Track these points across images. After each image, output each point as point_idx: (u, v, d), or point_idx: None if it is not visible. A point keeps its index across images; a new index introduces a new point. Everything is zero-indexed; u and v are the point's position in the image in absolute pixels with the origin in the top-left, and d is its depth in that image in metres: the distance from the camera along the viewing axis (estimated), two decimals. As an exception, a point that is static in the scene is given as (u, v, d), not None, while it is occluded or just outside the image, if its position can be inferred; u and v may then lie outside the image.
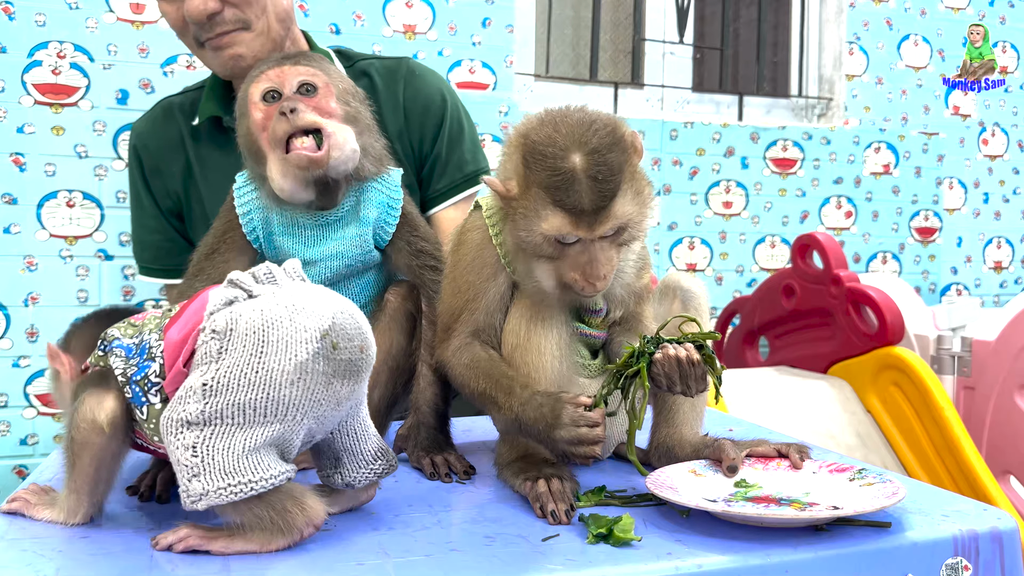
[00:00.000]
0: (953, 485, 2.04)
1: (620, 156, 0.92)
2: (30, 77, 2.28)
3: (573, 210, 0.90)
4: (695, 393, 0.95)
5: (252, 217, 1.13)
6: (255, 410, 0.76)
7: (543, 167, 0.91)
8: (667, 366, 0.93)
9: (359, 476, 0.89)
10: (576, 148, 0.91)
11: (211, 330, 0.78)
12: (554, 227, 0.91)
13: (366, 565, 0.75)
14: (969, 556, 0.85)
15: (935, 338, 2.45)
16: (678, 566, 0.76)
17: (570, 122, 0.93)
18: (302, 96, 1.08)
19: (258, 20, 1.42)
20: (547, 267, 0.96)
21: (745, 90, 3.20)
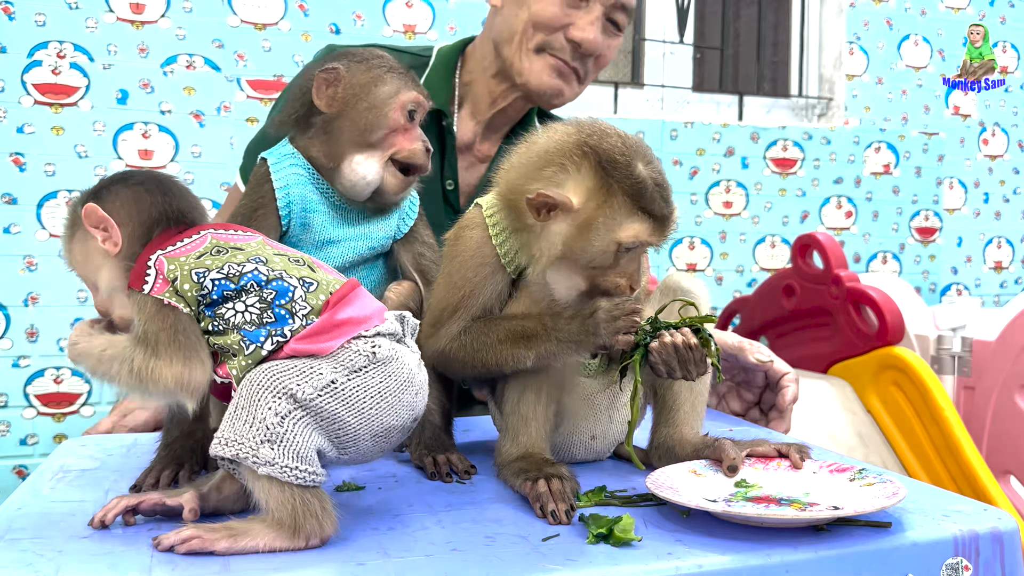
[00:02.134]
0: (953, 485, 2.04)
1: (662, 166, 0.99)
2: (30, 77, 2.28)
3: (652, 217, 0.94)
4: (696, 377, 0.97)
5: (289, 191, 1.13)
6: (342, 430, 0.82)
7: (624, 176, 0.93)
8: (664, 353, 0.95)
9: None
10: (639, 157, 0.95)
11: (371, 351, 0.84)
12: (633, 234, 0.94)
13: (367, 565, 0.75)
14: (969, 556, 0.85)
15: (935, 338, 2.45)
16: (678, 566, 0.76)
17: (617, 133, 0.97)
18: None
19: (588, 82, 1.48)
20: (582, 276, 0.97)
21: (745, 90, 3.20)
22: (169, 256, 0.85)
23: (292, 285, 0.85)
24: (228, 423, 0.80)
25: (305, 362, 0.81)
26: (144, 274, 0.84)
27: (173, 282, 0.84)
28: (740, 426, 1.29)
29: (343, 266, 1.16)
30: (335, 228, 1.15)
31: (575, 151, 0.95)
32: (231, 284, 0.84)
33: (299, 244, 1.15)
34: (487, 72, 1.49)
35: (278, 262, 0.87)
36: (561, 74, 1.43)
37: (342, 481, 1.01)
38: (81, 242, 0.90)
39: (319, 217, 1.15)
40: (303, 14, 2.49)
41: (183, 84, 2.40)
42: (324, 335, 0.83)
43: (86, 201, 0.88)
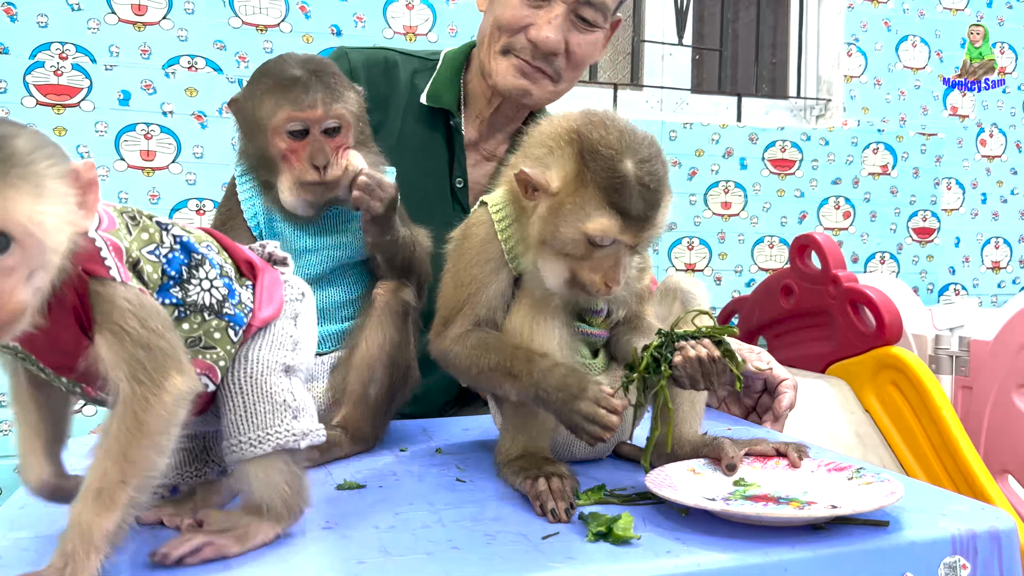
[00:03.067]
0: (951, 484, 2.04)
1: (663, 168, 0.95)
2: (32, 78, 2.28)
3: (625, 215, 0.92)
4: (718, 388, 0.97)
5: (254, 203, 1.15)
6: (306, 373, 0.85)
7: (601, 167, 0.92)
8: (689, 368, 0.94)
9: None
10: (629, 153, 0.93)
11: (299, 293, 0.86)
12: (600, 228, 0.92)
13: (367, 563, 0.76)
14: (967, 555, 0.85)
15: (933, 338, 2.46)
16: (677, 564, 0.77)
17: (618, 125, 0.96)
18: (327, 137, 1.11)
19: (566, 82, 1.48)
20: (565, 265, 0.96)
21: (744, 91, 3.20)
22: (107, 231, 0.69)
23: (206, 248, 0.76)
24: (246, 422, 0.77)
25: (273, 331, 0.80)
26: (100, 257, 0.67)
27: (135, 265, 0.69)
28: (739, 425, 1.29)
29: (323, 273, 1.17)
30: (307, 238, 1.16)
31: (564, 136, 0.96)
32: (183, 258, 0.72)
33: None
34: (479, 74, 1.52)
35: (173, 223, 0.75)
36: (524, 74, 1.44)
37: (343, 479, 1.01)
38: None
39: (287, 228, 1.16)
40: (304, 16, 2.50)
41: (185, 85, 2.40)
42: (270, 297, 0.81)
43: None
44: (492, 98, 1.51)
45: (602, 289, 0.95)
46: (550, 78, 1.45)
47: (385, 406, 1.17)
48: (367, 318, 1.16)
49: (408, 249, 1.17)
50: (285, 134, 1.10)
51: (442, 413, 1.53)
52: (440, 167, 1.43)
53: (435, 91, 1.51)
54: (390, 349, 1.16)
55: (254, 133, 1.13)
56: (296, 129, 1.10)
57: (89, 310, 0.67)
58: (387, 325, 1.16)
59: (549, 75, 1.45)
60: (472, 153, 1.55)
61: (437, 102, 1.50)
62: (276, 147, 1.11)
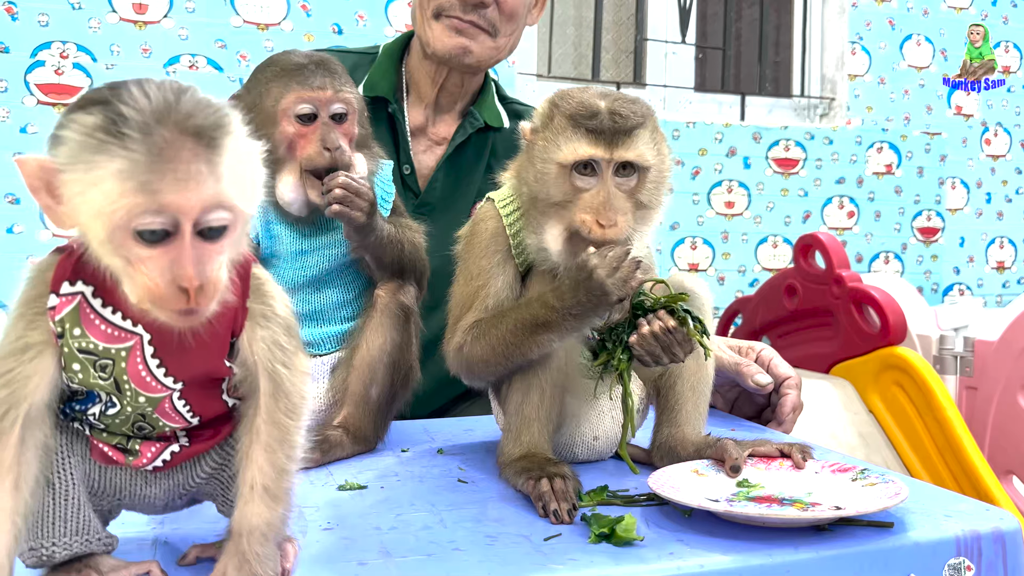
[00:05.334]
0: (955, 485, 2.04)
1: (644, 109, 0.98)
2: (33, 77, 2.28)
3: (594, 131, 0.94)
4: (683, 358, 0.96)
5: None
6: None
7: (569, 104, 0.96)
8: (646, 344, 0.94)
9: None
10: (602, 97, 0.97)
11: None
12: (572, 152, 0.94)
13: (368, 565, 0.76)
14: (972, 556, 0.85)
15: (937, 338, 2.45)
16: (680, 566, 0.76)
17: (603, 89, 1.00)
18: (335, 123, 1.11)
19: (505, 36, 1.47)
20: (558, 220, 0.96)
21: (747, 90, 3.20)
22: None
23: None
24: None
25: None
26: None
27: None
28: (742, 426, 1.28)
29: (323, 274, 1.16)
30: (304, 239, 1.15)
31: (548, 97, 1.01)
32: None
33: (274, 255, 1.15)
34: (420, 56, 1.52)
35: None
36: (459, 31, 1.44)
37: (344, 480, 1.01)
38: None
39: (284, 229, 1.15)
40: (305, 14, 2.50)
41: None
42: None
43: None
44: (435, 75, 1.51)
45: (595, 229, 0.94)
46: (486, 32, 1.45)
47: (386, 407, 1.17)
48: (368, 319, 1.16)
49: (396, 247, 1.16)
50: (294, 118, 1.09)
51: (444, 413, 1.53)
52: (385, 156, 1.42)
53: (371, 81, 1.52)
54: (391, 350, 1.15)
55: (258, 125, 1.12)
56: (305, 112, 1.09)
57: (247, 296, 0.68)
58: (388, 326, 1.15)
59: (484, 28, 1.45)
60: (420, 139, 1.55)
61: (374, 91, 1.50)
62: (284, 132, 1.10)
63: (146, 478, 0.72)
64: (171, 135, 0.58)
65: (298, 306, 1.16)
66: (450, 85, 1.53)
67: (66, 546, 0.68)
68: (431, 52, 1.47)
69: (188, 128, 0.58)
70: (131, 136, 0.57)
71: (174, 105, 0.58)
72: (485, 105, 1.56)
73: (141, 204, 0.57)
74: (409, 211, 1.25)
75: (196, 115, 0.59)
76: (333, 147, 1.09)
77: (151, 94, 0.59)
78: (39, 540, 0.68)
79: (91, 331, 0.65)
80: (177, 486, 0.74)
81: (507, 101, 1.62)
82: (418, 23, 1.48)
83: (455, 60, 1.46)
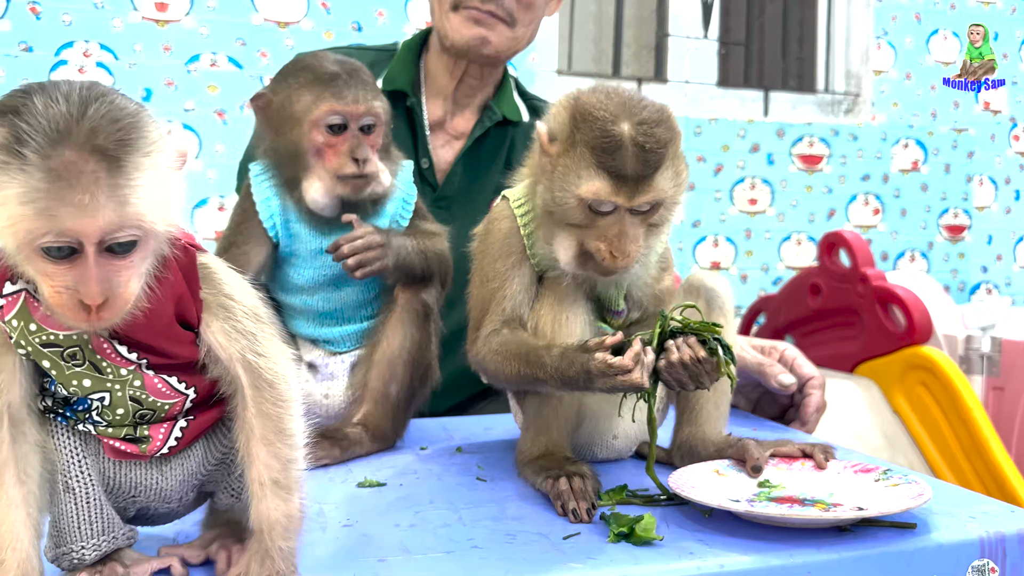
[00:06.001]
0: (981, 486, 2.01)
1: (667, 133, 0.93)
2: (57, 76, 2.31)
3: (616, 175, 0.90)
4: (710, 386, 0.94)
5: (271, 204, 1.14)
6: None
7: (592, 128, 0.91)
8: (674, 372, 0.91)
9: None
10: (626, 117, 0.91)
11: None
12: (593, 190, 0.91)
13: (388, 561, 0.76)
14: (996, 558, 0.84)
15: (964, 338, 2.42)
16: (699, 566, 0.76)
17: (622, 95, 0.95)
18: (363, 134, 1.12)
19: (523, 26, 1.48)
20: (571, 236, 0.95)
21: (771, 85, 3.17)
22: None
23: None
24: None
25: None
26: (191, 233, 0.73)
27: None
28: (764, 427, 1.27)
29: (337, 274, 1.16)
30: (324, 238, 1.15)
31: (567, 99, 0.96)
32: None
33: (293, 253, 1.16)
34: (438, 50, 1.52)
35: None
36: (477, 21, 1.44)
37: (363, 477, 1.01)
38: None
39: (303, 228, 1.15)
40: (326, 12, 2.51)
41: (207, 82, 2.42)
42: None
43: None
44: (454, 69, 1.51)
45: (608, 259, 0.93)
46: (504, 22, 1.45)
47: (405, 404, 1.17)
48: (388, 316, 1.16)
49: (421, 262, 1.16)
50: (324, 128, 1.10)
51: (463, 409, 1.53)
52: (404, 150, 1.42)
53: (390, 75, 1.52)
54: (411, 347, 1.16)
55: (285, 128, 1.13)
56: (336, 123, 1.10)
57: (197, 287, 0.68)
58: (408, 324, 1.15)
59: (502, 18, 1.45)
60: (439, 134, 1.55)
61: (392, 85, 1.51)
62: (312, 141, 1.10)
63: (160, 469, 0.72)
64: (72, 156, 0.57)
65: (318, 304, 1.18)
66: (468, 78, 1.53)
67: (95, 547, 0.69)
68: (449, 44, 1.47)
69: (89, 149, 0.57)
70: (30, 158, 0.56)
71: (78, 121, 0.57)
72: (504, 99, 1.56)
73: (42, 227, 0.58)
74: (427, 205, 1.25)
75: (99, 133, 0.58)
76: (362, 159, 1.10)
77: (56, 109, 0.57)
78: (68, 545, 0.69)
79: (46, 323, 0.65)
80: (190, 476, 0.74)
81: (526, 97, 1.62)
82: (436, 16, 1.49)
83: (474, 51, 1.46)
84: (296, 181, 1.13)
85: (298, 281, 1.17)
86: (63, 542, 0.69)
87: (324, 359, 1.18)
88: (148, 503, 0.74)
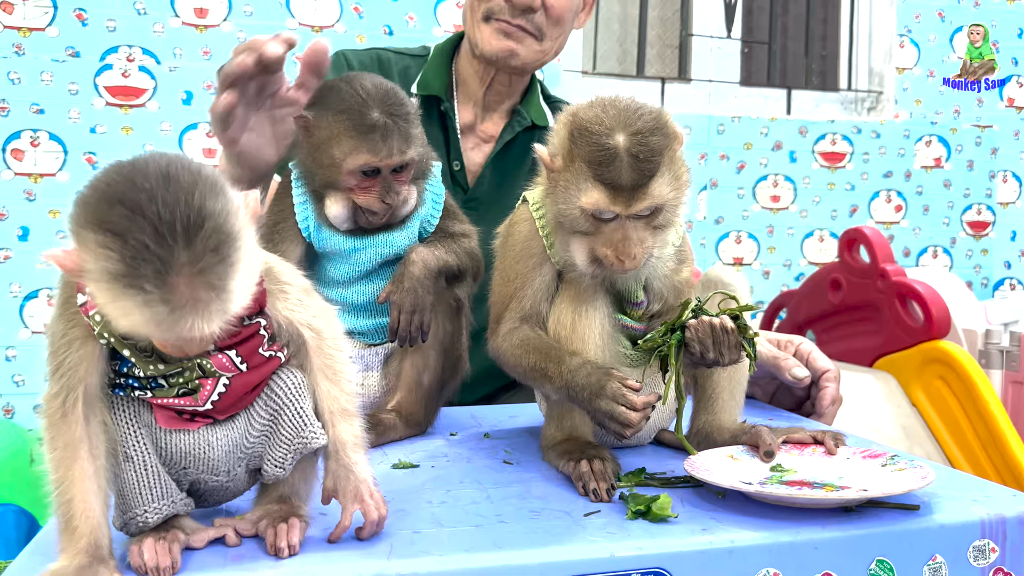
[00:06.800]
0: (998, 478, 2.04)
1: (662, 140, 0.97)
2: (102, 80, 2.40)
3: (612, 186, 0.95)
4: (728, 362, 0.98)
5: (308, 207, 1.19)
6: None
7: (587, 143, 0.96)
8: (701, 331, 0.97)
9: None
10: (621, 128, 0.95)
11: None
12: (592, 201, 0.96)
13: (422, 533, 0.82)
14: (996, 539, 0.87)
15: (983, 332, 2.44)
16: (711, 540, 0.80)
17: (618, 106, 0.99)
18: (397, 173, 1.15)
19: (552, 40, 1.53)
20: (582, 243, 1.00)
21: (793, 84, 3.20)
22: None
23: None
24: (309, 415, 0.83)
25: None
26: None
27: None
28: (780, 416, 1.31)
29: (370, 269, 1.21)
30: (352, 240, 1.19)
31: (565, 117, 1.01)
32: None
33: (325, 252, 1.21)
34: (468, 55, 1.57)
35: None
36: (507, 34, 1.49)
37: (397, 459, 1.07)
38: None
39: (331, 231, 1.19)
40: (358, 16, 2.57)
41: (244, 85, 2.49)
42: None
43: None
44: (484, 75, 1.56)
45: (616, 264, 0.98)
46: (533, 36, 1.50)
47: (437, 393, 1.23)
48: None
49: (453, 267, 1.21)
50: (359, 173, 1.14)
51: (490, 400, 1.59)
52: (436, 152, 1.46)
53: (425, 80, 1.57)
54: (443, 339, 1.21)
55: (322, 158, 1.15)
56: (369, 171, 1.14)
57: (263, 281, 0.79)
58: (441, 316, 1.21)
59: (532, 33, 1.49)
60: (469, 137, 1.60)
61: (427, 89, 1.56)
62: (346, 181, 1.14)
63: (207, 439, 0.80)
64: (184, 287, 0.65)
65: (353, 297, 1.23)
66: (497, 84, 1.58)
67: (156, 511, 0.76)
68: (479, 53, 1.52)
69: (200, 283, 0.65)
70: (148, 289, 0.64)
71: (184, 251, 0.65)
72: (532, 104, 1.61)
73: (152, 335, 0.69)
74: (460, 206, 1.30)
75: (207, 265, 0.66)
76: (392, 202, 1.15)
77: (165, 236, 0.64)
78: (133, 511, 0.76)
79: None
80: (235, 447, 0.81)
81: (551, 100, 1.66)
82: (468, 24, 1.54)
83: (502, 62, 1.51)
84: (322, 196, 1.17)
85: (334, 276, 1.22)
86: (128, 508, 0.76)
87: (360, 351, 1.23)
88: (198, 475, 0.81)
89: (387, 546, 0.79)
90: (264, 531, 0.79)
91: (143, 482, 0.77)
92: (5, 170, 2.35)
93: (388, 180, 1.15)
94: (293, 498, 0.84)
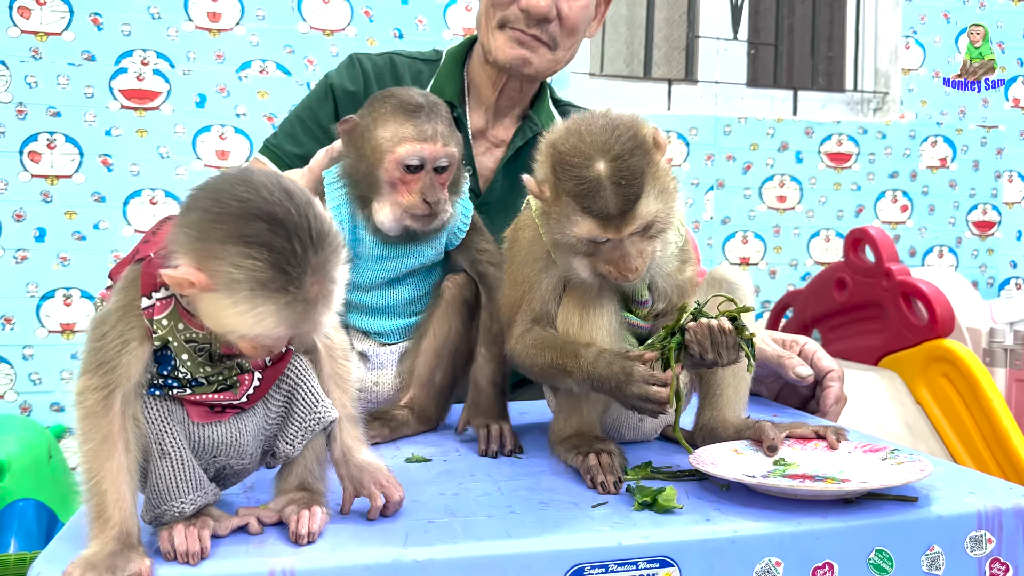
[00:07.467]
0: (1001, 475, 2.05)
1: (642, 159, 0.98)
2: (117, 83, 2.43)
3: (600, 215, 0.97)
4: (726, 362, 1.00)
5: (341, 211, 1.22)
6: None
7: (570, 177, 0.98)
8: (699, 333, 0.99)
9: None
10: (600, 155, 0.96)
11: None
12: (585, 231, 0.99)
13: (436, 523, 0.85)
14: (992, 530, 0.89)
15: (988, 331, 2.46)
16: (715, 530, 0.83)
17: (593, 130, 0.99)
18: (437, 174, 1.18)
19: (564, 50, 1.55)
20: (583, 261, 1.03)
21: (799, 85, 3.22)
22: None
23: None
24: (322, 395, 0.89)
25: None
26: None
27: None
28: (784, 412, 1.34)
29: (398, 276, 1.25)
30: (385, 247, 1.22)
31: (546, 148, 1.03)
32: None
33: (355, 255, 1.23)
34: (481, 61, 1.59)
35: None
36: (521, 43, 1.50)
37: (411, 453, 1.11)
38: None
39: (367, 235, 1.22)
40: (368, 20, 2.60)
41: (257, 88, 2.53)
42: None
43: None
44: (496, 80, 1.58)
45: (620, 278, 1.01)
46: (547, 45, 1.51)
47: (449, 390, 1.26)
48: (435, 309, 1.25)
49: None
50: (402, 166, 1.17)
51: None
52: None
53: (438, 85, 1.59)
54: (455, 339, 1.24)
55: (367, 151, 1.18)
56: (413, 164, 1.17)
57: None
58: (453, 317, 1.24)
59: (545, 42, 1.51)
60: (480, 141, 1.62)
61: (440, 95, 1.56)
62: (390, 174, 1.17)
63: (237, 427, 0.85)
64: (316, 284, 0.75)
65: (373, 301, 1.26)
66: (509, 90, 1.60)
67: (192, 501, 0.80)
68: (492, 59, 1.53)
69: (326, 279, 0.75)
70: (292, 291, 0.73)
71: (316, 257, 0.74)
72: (542, 110, 1.63)
73: (280, 333, 0.76)
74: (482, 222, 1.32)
75: (331, 266, 0.76)
76: (433, 202, 1.17)
77: (304, 243, 0.74)
78: (169, 503, 0.80)
79: (191, 323, 0.79)
80: (259, 431, 0.87)
81: (560, 104, 1.69)
82: (482, 30, 1.55)
83: (515, 70, 1.52)
84: (368, 200, 1.20)
85: (357, 280, 1.25)
86: (163, 501, 0.80)
87: (375, 349, 1.27)
88: (227, 460, 0.86)
89: (403, 535, 0.82)
90: (288, 517, 0.83)
91: (180, 475, 0.81)
92: (22, 172, 2.39)
93: (431, 178, 1.17)
94: (311, 480, 0.88)
